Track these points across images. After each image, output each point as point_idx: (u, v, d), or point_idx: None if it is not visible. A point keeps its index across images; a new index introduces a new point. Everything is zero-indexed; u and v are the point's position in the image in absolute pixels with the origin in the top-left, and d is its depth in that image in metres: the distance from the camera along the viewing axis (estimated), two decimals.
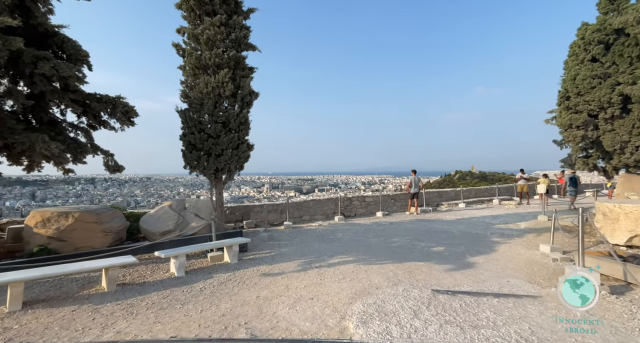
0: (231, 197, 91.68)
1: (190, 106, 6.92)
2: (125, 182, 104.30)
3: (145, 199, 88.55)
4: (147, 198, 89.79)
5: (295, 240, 8.06)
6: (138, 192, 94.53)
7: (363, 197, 11.99)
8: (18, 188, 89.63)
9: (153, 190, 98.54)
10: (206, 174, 7.09)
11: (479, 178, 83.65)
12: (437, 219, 10.78)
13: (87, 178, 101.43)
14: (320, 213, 11.10)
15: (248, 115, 7.48)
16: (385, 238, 8.08)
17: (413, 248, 7.04)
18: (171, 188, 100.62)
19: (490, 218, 10.80)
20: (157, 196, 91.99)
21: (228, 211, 9.42)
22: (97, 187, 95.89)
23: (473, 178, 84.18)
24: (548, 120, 13.53)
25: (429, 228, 9.24)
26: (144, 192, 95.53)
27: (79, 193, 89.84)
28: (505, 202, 13.97)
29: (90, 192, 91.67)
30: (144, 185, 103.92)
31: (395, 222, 10.33)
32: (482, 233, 8.58)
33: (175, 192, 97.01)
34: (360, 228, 9.38)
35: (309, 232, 9.04)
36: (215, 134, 6.91)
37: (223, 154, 7.00)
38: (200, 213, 7.73)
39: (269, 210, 10.08)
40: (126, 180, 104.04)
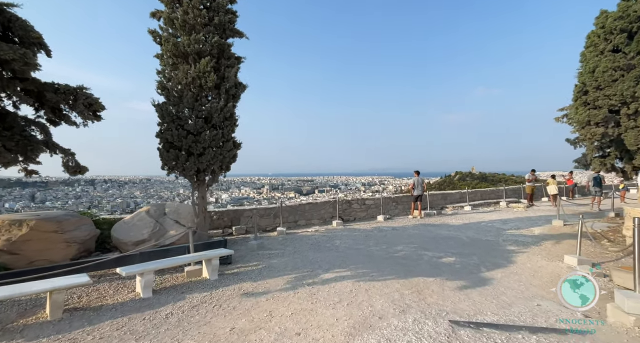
0: (231, 198, 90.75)
1: (168, 99, 6.07)
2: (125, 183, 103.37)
3: (145, 200, 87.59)
4: (147, 199, 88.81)
5: (287, 248, 7.20)
6: (138, 193, 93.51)
7: (363, 199, 11.13)
8: (18, 189, 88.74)
9: (153, 191, 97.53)
10: (186, 176, 6.24)
11: (479, 180, 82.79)
12: (443, 224, 9.91)
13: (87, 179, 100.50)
14: (317, 218, 10.24)
15: (234, 110, 6.63)
16: (387, 246, 7.22)
17: (419, 259, 6.18)
18: (171, 190, 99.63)
19: (500, 222, 9.93)
20: (157, 197, 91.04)
21: (216, 216, 8.56)
22: (96, 189, 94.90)
23: (473, 179, 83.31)
24: (559, 118, 12.67)
25: (436, 235, 8.37)
26: (144, 193, 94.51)
27: (78, 194, 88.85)
28: (513, 205, 13.10)
29: (90, 193, 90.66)
30: (144, 186, 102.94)
31: (398, 227, 9.46)
32: (493, 240, 7.71)
33: (175, 193, 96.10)
34: (360, 235, 8.52)
35: (304, 239, 8.18)
36: (195, 130, 6.06)
37: (205, 152, 6.14)
38: (182, 219, 6.87)
39: (261, 214, 9.22)
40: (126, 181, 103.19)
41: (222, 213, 8.68)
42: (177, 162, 6.12)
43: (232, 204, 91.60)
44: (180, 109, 6.05)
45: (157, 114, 6.10)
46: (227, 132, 6.38)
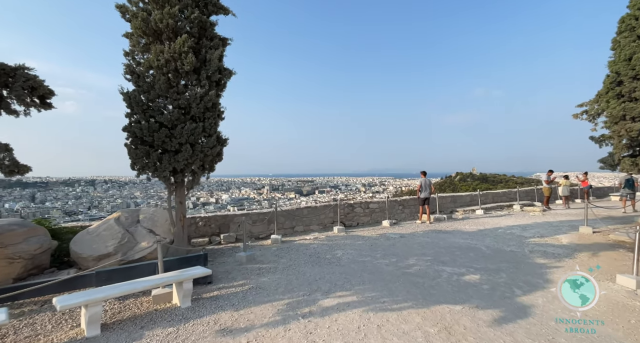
0: (231, 199, 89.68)
1: (138, 85, 5.02)
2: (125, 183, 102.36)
3: (145, 201, 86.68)
4: (147, 200, 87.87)
5: (282, 261, 6.14)
6: (138, 194, 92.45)
7: (367, 203, 10.06)
8: (18, 190, 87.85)
9: (153, 191, 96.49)
10: (160, 177, 5.19)
11: (479, 180, 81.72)
12: (456, 230, 8.84)
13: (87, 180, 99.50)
14: (317, 223, 9.18)
15: (218, 100, 5.57)
16: (397, 259, 6.15)
17: (437, 276, 5.11)
18: None
19: (519, 229, 8.86)
20: (157, 198, 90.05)
21: (201, 222, 7.50)
22: (97, 189, 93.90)
23: (474, 180, 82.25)
24: (577, 115, 11.59)
25: (450, 244, 7.30)
26: (144, 193, 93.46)
27: (78, 195, 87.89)
28: (528, 208, 12.02)
29: (90, 193, 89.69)
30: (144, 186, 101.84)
31: (406, 235, 8.39)
32: (518, 251, 6.64)
33: None
34: (364, 244, 7.44)
35: (301, 248, 7.12)
36: (170, 122, 5.00)
37: (182, 149, 5.08)
38: (157, 228, 5.81)
39: (254, 220, 8.16)
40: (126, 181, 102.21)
41: (209, 220, 7.61)
42: (149, 161, 5.06)
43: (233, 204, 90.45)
44: (151, 97, 4.99)
45: (125, 104, 5.04)
46: (210, 125, 5.32)
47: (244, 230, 6.34)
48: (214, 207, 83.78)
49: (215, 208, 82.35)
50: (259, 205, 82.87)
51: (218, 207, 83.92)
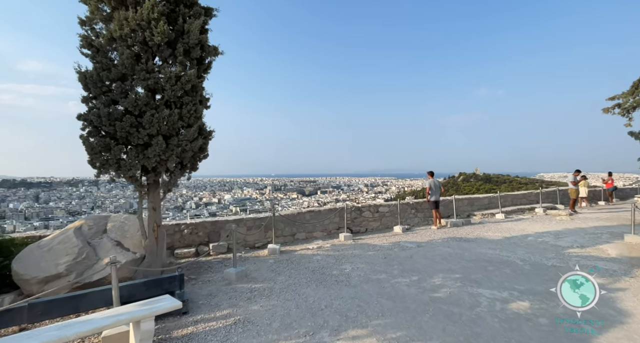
0: (233, 199, 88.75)
1: (96, 61, 3.93)
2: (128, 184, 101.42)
3: None
4: None
5: (279, 279, 5.02)
6: None
7: (376, 206, 8.92)
8: (22, 190, 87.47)
9: None
10: (126, 177, 4.09)
11: (483, 181, 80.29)
12: (479, 238, 7.68)
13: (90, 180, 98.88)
14: (321, 229, 8.05)
15: (200, 83, 4.45)
16: (419, 277, 5.01)
17: (476, 304, 3.97)
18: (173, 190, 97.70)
19: (552, 236, 7.68)
20: None
21: (187, 230, 6.39)
22: (100, 189, 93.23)
23: (477, 180, 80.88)
24: (608, 109, 10.41)
25: (478, 256, 6.15)
26: None
27: (82, 195, 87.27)
28: (552, 212, 10.82)
29: (93, 193, 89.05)
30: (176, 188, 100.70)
31: (423, 243, 7.23)
32: (562, 266, 5.47)
33: (178, 194, 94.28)
34: (376, 255, 6.30)
35: (303, 261, 5.99)
36: (136, 108, 3.90)
37: (152, 142, 3.97)
38: (126, 240, 4.71)
39: (248, 226, 7.04)
40: None
41: (196, 227, 6.50)
42: (110, 157, 3.95)
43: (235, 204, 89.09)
44: (113, 76, 3.88)
45: (81, 85, 3.94)
46: (189, 112, 4.20)
47: (233, 239, 5.22)
48: (217, 207, 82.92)
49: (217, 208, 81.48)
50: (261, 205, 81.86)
51: (220, 207, 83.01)
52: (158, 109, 4.04)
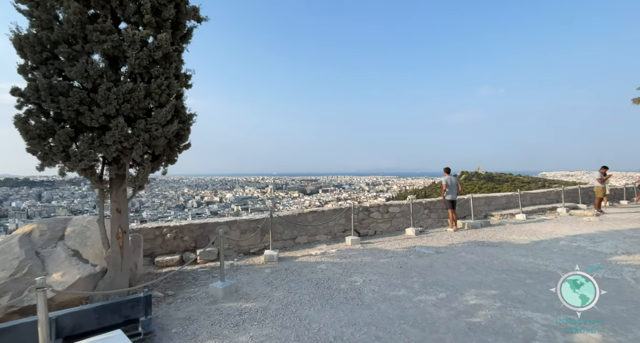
0: (235, 198, 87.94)
1: (34, 17, 2.99)
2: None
3: (150, 200, 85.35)
4: (152, 199, 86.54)
5: (275, 295, 4.09)
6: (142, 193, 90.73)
7: (386, 206, 7.95)
8: (25, 188, 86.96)
9: (157, 190, 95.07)
10: (77, 169, 3.15)
11: (485, 179, 79.19)
12: (503, 242, 6.71)
13: None
14: (325, 232, 7.10)
15: (175, 51, 3.50)
16: (447, 292, 4.06)
17: (530, 335, 3.00)
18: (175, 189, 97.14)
19: (586, 240, 6.70)
20: (162, 197, 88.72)
21: (170, 234, 5.45)
22: None
23: (479, 179, 79.81)
24: (637, 100, 9.41)
25: (509, 264, 5.18)
26: (148, 192, 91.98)
27: (84, 194, 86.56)
28: (576, 212, 9.84)
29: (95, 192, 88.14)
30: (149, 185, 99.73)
31: (442, 249, 6.28)
32: (617, 279, 4.48)
33: (180, 193, 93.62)
34: (391, 264, 5.35)
35: (305, 271, 5.04)
36: (87, 79, 2.96)
37: (110, 126, 3.04)
38: (87, 249, 3.77)
39: (242, 229, 6.10)
40: None
41: (181, 230, 5.55)
42: (55, 144, 3.02)
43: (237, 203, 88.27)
44: (56, 37, 2.94)
45: (16, 51, 3.00)
46: (160, 88, 3.25)
47: (221, 247, 4.27)
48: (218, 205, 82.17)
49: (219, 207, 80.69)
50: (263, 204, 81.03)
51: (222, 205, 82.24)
52: (118, 82, 3.10)
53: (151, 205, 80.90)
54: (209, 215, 71.21)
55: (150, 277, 4.65)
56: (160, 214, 72.02)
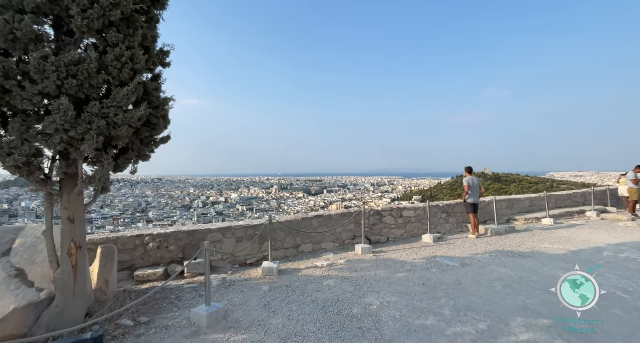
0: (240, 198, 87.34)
1: None
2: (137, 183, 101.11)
3: (156, 200, 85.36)
4: (158, 199, 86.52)
5: (273, 324, 3.26)
6: (149, 193, 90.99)
7: (400, 210, 7.08)
8: None
9: (164, 191, 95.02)
10: (7, 166, 2.38)
11: (492, 180, 77.60)
12: (535, 252, 5.80)
13: None
14: (332, 239, 6.27)
15: (139, 13, 2.71)
16: (487, 321, 3.19)
17: None
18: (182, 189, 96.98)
19: (635, 251, 5.75)
20: (168, 197, 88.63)
21: (154, 244, 4.66)
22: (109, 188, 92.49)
23: (486, 179, 78.28)
24: None
25: (553, 282, 4.21)
26: (155, 193, 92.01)
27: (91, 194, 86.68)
28: (609, 216, 8.85)
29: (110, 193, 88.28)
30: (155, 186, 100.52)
31: (467, 260, 5.39)
32: None
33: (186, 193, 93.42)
34: (410, 279, 4.49)
35: (309, 289, 4.21)
36: (14, 44, 2.18)
37: (50, 108, 2.25)
38: (34, 267, 2.98)
39: (239, 237, 5.28)
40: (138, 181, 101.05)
41: (167, 239, 4.75)
42: None
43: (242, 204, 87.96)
44: None
45: None
46: (119, 60, 2.46)
47: (206, 263, 3.46)
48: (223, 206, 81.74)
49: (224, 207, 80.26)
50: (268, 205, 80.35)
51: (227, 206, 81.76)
52: (61, 50, 2.30)
53: (157, 205, 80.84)
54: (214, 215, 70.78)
55: (125, 296, 3.85)
56: (166, 214, 71.76)
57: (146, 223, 63.16)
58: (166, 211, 75.68)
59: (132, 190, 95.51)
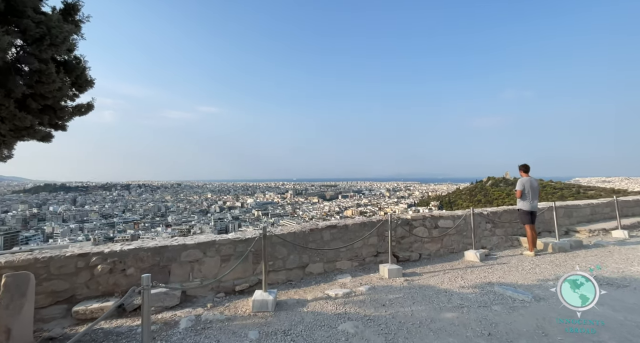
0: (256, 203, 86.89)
1: None
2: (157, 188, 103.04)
3: (175, 204, 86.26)
4: (177, 203, 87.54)
5: None
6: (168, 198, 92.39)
7: (434, 218, 5.55)
8: (62, 193, 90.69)
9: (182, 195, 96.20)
10: None
11: (513, 185, 73.73)
12: (626, 277, 4.12)
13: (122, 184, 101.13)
14: (348, 257, 4.81)
15: None
16: None
17: None
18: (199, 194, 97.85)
19: None
20: (186, 202, 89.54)
21: (104, 265, 3.36)
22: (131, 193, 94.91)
23: (507, 185, 74.41)
24: None
25: None
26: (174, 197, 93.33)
27: (115, 198, 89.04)
28: None
29: (125, 197, 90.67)
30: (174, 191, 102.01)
31: (536, 290, 3.81)
32: None
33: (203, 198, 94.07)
34: (465, 323, 2.98)
35: (315, 338, 2.78)
36: None
37: None
38: None
39: (225, 255, 3.92)
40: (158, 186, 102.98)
41: (123, 258, 3.44)
42: None
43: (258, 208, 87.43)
44: None
45: None
46: None
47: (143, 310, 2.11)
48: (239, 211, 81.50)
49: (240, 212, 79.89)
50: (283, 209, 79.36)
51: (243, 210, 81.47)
52: None
53: (176, 210, 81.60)
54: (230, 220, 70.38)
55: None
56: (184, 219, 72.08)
57: (165, 227, 63.40)
58: (184, 215, 76.12)
59: (153, 194, 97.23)
